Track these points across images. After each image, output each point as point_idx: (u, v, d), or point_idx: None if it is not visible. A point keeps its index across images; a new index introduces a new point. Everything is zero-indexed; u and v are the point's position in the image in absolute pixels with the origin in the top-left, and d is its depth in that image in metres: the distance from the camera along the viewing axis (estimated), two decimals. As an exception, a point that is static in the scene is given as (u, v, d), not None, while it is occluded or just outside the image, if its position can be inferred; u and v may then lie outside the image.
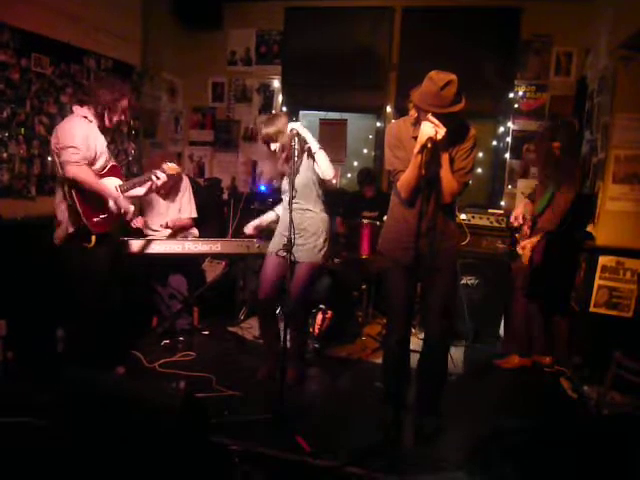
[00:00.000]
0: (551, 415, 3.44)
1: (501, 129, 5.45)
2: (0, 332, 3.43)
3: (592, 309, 3.99)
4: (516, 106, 5.29)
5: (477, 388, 3.86)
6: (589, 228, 4.17)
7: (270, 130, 3.38)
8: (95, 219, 3.20)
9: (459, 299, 4.49)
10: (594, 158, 4.35)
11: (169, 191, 4.43)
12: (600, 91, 4.37)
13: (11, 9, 3.73)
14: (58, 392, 2.43)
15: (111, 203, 3.26)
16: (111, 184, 3.32)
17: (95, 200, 3.21)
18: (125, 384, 2.65)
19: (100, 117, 3.29)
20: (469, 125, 2.82)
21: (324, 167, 3.29)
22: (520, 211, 4.13)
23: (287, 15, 5.79)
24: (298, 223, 3.35)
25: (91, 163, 3.20)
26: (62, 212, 3.20)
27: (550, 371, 4.12)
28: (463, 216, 4.68)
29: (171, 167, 3.67)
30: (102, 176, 3.28)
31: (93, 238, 3.19)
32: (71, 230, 3.17)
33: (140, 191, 3.58)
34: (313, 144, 3.28)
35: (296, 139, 3.15)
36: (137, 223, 4.29)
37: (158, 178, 3.54)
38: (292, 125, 3.22)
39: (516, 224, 4.12)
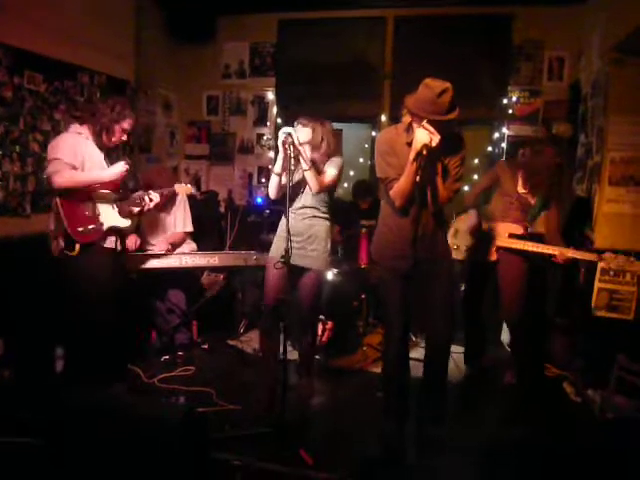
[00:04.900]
0: (555, 419, 3.40)
1: (496, 135, 5.45)
2: (-3, 351, 3.41)
3: (593, 312, 3.97)
4: (510, 111, 5.30)
5: (480, 395, 3.83)
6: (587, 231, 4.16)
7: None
8: (79, 228, 3.18)
9: (459, 305, 4.45)
10: (589, 161, 4.35)
11: (165, 204, 4.39)
12: (594, 94, 4.38)
13: (3, 27, 3.72)
14: (56, 411, 2.41)
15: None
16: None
17: (81, 210, 3.21)
18: (124, 400, 2.63)
19: (98, 136, 3.31)
20: (461, 134, 2.82)
21: (311, 184, 3.20)
22: (475, 222, 3.89)
23: (280, 27, 5.82)
24: (308, 227, 3.28)
25: (76, 169, 3.20)
26: (52, 221, 3.23)
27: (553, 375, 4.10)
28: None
29: (184, 188, 3.66)
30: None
31: (77, 246, 3.16)
32: (61, 240, 3.17)
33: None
34: (304, 163, 3.13)
35: (291, 147, 3.00)
36: (130, 245, 4.13)
37: (151, 200, 3.49)
38: (287, 130, 3.03)
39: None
